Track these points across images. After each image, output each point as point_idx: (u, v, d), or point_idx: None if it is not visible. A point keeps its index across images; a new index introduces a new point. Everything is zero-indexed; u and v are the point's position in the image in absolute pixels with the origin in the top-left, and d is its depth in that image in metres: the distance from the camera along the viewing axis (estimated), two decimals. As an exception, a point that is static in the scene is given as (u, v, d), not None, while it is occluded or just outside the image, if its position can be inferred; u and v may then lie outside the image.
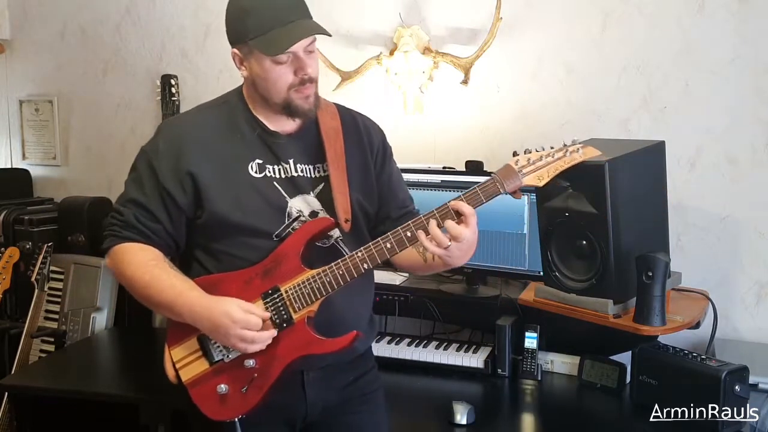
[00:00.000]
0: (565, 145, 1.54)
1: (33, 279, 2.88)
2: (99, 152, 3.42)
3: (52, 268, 2.95)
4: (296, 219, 1.55)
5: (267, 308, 1.50)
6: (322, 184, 1.58)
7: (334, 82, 2.70)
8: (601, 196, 1.87)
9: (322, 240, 1.57)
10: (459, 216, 1.46)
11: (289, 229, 1.54)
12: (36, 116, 3.56)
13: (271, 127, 1.57)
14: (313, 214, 1.56)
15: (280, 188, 1.55)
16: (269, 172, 1.55)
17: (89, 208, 3.10)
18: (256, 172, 1.54)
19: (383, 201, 1.69)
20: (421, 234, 1.46)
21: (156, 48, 3.22)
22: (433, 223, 1.45)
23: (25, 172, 3.57)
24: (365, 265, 1.49)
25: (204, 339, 1.53)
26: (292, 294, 1.50)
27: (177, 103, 3.10)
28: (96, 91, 3.38)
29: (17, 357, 2.83)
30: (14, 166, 3.64)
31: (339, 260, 1.50)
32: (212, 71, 3.10)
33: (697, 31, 2.35)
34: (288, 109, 1.53)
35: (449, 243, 1.45)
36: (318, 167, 1.60)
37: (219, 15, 3.23)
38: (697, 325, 2.02)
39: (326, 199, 1.57)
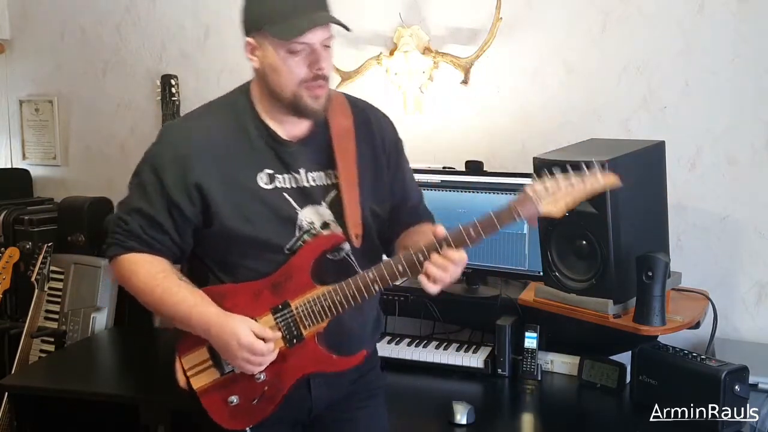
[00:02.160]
0: (583, 171, 1.44)
1: (33, 279, 2.88)
2: (99, 152, 3.42)
3: (52, 268, 2.95)
4: (307, 231, 1.51)
5: (277, 323, 1.49)
6: (334, 191, 1.54)
7: (334, 82, 2.70)
8: (601, 196, 1.86)
9: (333, 253, 1.54)
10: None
11: (300, 241, 1.51)
12: (36, 116, 3.56)
13: (281, 133, 1.52)
14: (325, 225, 1.53)
15: (290, 199, 1.51)
16: (279, 182, 1.51)
17: (89, 208, 3.10)
18: (265, 183, 1.50)
19: (396, 201, 1.66)
20: (433, 257, 1.43)
21: (156, 48, 3.22)
22: (446, 251, 1.43)
23: (25, 172, 3.57)
24: (376, 287, 1.47)
25: (214, 350, 1.51)
26: (303, 311, 1.48)
27: (177, 103, 3.10)
28: (96, 91, 3.38)
29: (17, 357, 2.83)
30: (14, 166, 3.64)
31: (350, 279, 1.48)
32: (212, 71, 3.10)
33: (697, 31, 2.34)
34: (296, 107, 1.47)
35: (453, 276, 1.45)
36: (329, 173, 1.55)
37: (219, 15, 3.26)
38: (697, 325, 2.02)
39: (338, 209, 1.54)
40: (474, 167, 2.52)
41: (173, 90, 3.09)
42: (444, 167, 2.58)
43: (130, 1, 3.24)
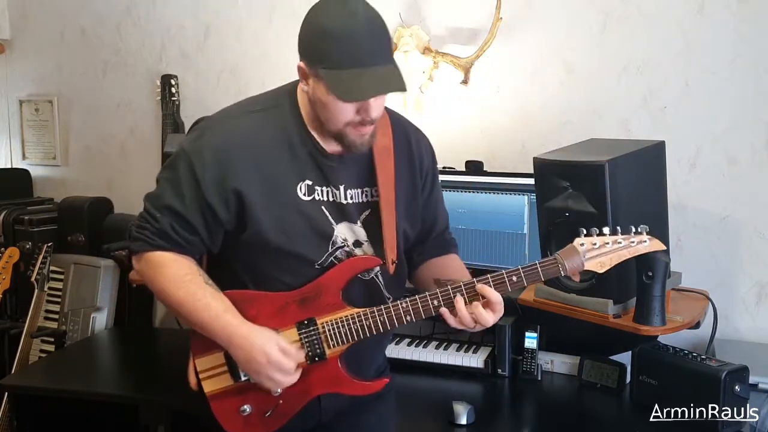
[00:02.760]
0: (631, 233, 1.46)
1: (33, 279, 2.88)
2: (99, 152, 3.42)
3: (52, 268, 2.95)
4: (340, 248, 1.49)
5: (300, 338, 1.47)
6: (369, 210, 1.51)
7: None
8: (601, 196, 1.87)
9: (363, 273, 1.52)
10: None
11: (332, 258, 1.48)
12: (36, 116, 3.56)
13: (324, 146, 1.47)
14: (357, 243, 1.51)
15: (327, 213, 1.47)
16: (318, 194, 1.47)
17: (89, 208, 3.10)
18: (304, 194, 1.46)
19: (425, 225, 1.65)
20: (474, 306, 1.43)
21: (156, 48, 3.22)
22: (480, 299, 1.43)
23: (25, 172, 3.57)
24: (408, 318, 1.45)
25: (230, 356, 1.48)
26: (329, 330, 1.46)
27: (177, 103, 3.10)
28: (96, 91, 3.38)
29: (17, 357, 2.84)
30: (14, 166, 3.65)
31: (382, 306, 1.46)
32: (212, 71, 3.10)
33: (697, 31, 2.34)
34: (339, 141, 1.43)
35: (477, 325, 1.44)
36: (366, 191, 1.52)
37: (219, 15, 3.26)
38: (697, 325, 2.02)
39: (372, 229, 1.51)
40: (474, 167, 2.52)
41: (173, 90, 3.09)
42: (444, 167, 2.58)
43: (130, 1, 3.24)
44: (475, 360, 2.26)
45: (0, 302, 2.90)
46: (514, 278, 1.43)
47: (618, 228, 1.47)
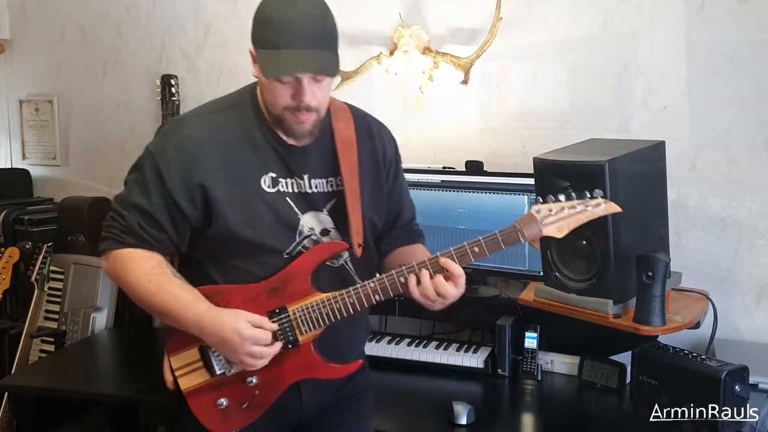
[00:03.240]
0: (586, 198, 1.50)
1: (33, 279, 2.88)
2: (99, 152, 3.43)
3: (52, 268, 2.96)
4: (307, 237, 1.52)
5: None
6: (335, 199, 1.55)
7: (335, 82, 2.70)
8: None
9: (332, 260, 1.54)
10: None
11: (300, 247, 1.51)
12: (36, 116, 3.56)
13: (286, 138, 1.51)
14: (324, 231, 1.54)
15: (292, 204, 1.51)
16: (282, 186, 1.51)
17: (89, 208, 3.10)
18: (269, 187, 1.50)
19: (391, 215, 1.68)
20: (437, 279, 1.47)
21: (156, 48, 3.22)
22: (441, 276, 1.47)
23: (25, 172, 3.57)
24: (377, 297, 1.48)
25: (205, 350, 1.51)
26: (300, 316, 1.48)
27: (177, 103, 3.10)
28: (96, 91, 3.38)
29: (17, 357, 2.84)
30: (14, 166, 3.65)
31: (350, 288, 1.48)
32: (212, 71, 3.10)
33: (697, 31, 2.34)
34: (281, 126, 1.48)
35: (440, 298, 1.48)
36: (331, 181, 1.56)
37: (219, 15, 3.25)
38: (697, 325, 2.02)
39: (338, 217, 1.54)
40: (474, 167, 2.52)
41: (173, 90, 3.09)
42: (444, 167, 2.58)
43: (130, 1, 3.24)
44: (475, 360, 2.26)
45: (0, 302, 2.90)
46: (476, 249, 1.47)
47: (573, 194, 1.50)
